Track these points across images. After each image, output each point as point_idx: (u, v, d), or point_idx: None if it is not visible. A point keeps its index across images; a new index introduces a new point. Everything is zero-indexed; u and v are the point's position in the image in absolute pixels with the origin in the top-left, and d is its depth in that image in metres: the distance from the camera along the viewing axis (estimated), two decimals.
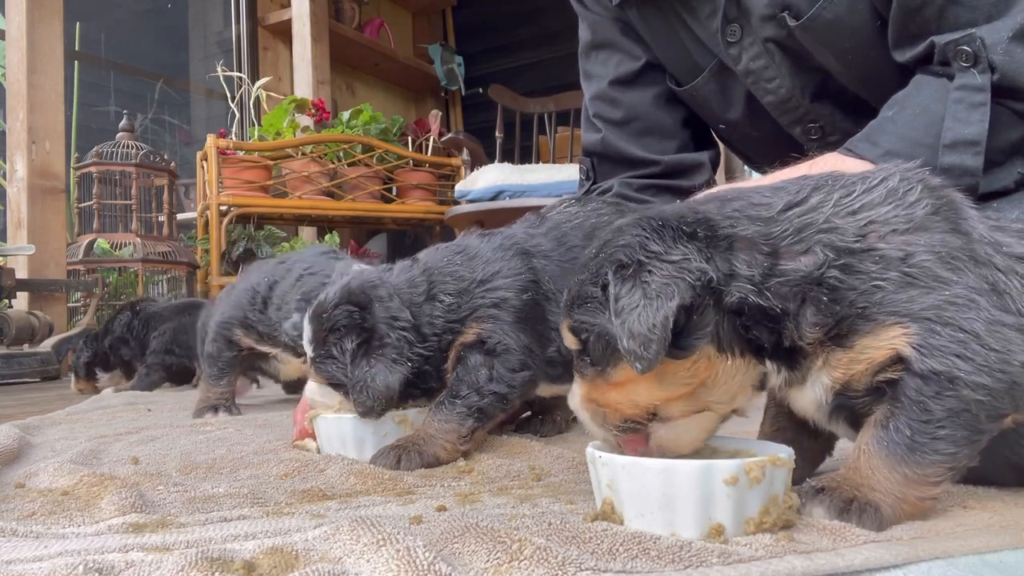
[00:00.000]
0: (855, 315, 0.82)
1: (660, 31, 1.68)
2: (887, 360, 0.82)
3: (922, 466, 0.81)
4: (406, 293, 1.31)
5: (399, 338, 1.26)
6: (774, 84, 1.53)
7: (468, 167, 4.84)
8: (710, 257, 0.82)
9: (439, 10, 7.47)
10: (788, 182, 0.91)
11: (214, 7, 6.27)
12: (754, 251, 0.83)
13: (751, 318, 0.83)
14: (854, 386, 0.85)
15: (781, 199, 0.87)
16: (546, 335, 1.34)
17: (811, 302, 0.82)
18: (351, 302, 1.28)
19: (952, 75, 1.22)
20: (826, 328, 0.82)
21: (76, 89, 4.99)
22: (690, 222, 0.85)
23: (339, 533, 0.76)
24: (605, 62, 1.81)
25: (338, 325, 1.27)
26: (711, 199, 0.91)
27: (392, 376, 1.24)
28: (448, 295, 1.31)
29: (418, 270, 1.35)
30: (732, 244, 0.84)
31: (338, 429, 1.30)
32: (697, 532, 0.78)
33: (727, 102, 1.67)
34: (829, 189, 0.88)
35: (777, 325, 0.83)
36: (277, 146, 4.43)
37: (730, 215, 0.86)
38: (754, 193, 0.89)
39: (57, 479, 1.09)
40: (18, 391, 2.99)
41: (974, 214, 0.89)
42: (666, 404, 0.86)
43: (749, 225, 0.85)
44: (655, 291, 0.79)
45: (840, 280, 0.82)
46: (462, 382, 1.27)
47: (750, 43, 1.51)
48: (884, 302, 0.81)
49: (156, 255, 4.28)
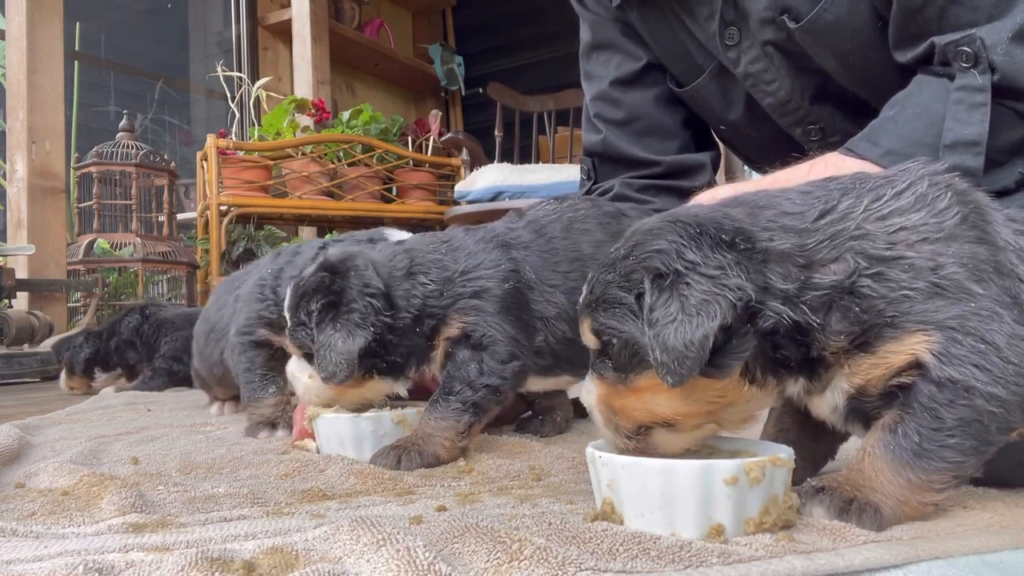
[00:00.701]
0: (883, 323, 0.81)
1: (660, 32, 1.68)
2: (905, 365, 0.82)
3: (927, 472, 0.81)
4: (384, 267, 1.32)
5: (366, 305, 1.26)
6: (773, 87, 1.53)
7: (468, 167, 4.84)
8: (748, 271, 0.81)
9: (439, 10, 7.47)
10: (814, 185, 0.90)
11: (214, 7, 6.27)
12: (789, 264, 0.82)
13: (784, 336, 0.82)
14: (870, 391, 0.84)
15: (814, 207, 0.86)
16: (531, 324, 1.35)
17: (838, 310, 0.82)
18: (326, 269, 1.30)
19: (953, 75, 1.22)
20: (852, 336, 0.82)
21: (76, 89, 4.99)
22: (728, 230, 0.83)
23: (339, 533, 0.76)
24: (606, 63, 1.81)
25: (308, 289, 1.28)
26: (738, 203, 0.90)
27: (353, 341, 1.23)
28: (429, 279, 1.31)
29: (401, 249, 1.36)
30: (767, 257, 0.82)
31: (337, 429, 1.30)
32: (697, 532, 0.78)
33: (728, 103, 1.67)
34: (858, 193, 0.87)
35: (807, 338, 0.82)
36: (277, 146, 4.43)
37: (767, 226, 0.84)
38: (785, 200, 0.87)
39: (57, 479, 1.09)
40: (18, 391, 2.99)
41: (999, 218, 0.88)
42: (684, 417, 0.86)
43: (785, 237, 0.84)
44: (694, 307, 0.78)
45: (871, 288, 0.81)
46: (453, 378, 1.27)
47: (748, 46, 1.51)
48: (912, 311, 0.81)
49: (156, 255, 4.28)
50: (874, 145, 1.25)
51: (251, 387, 1.64)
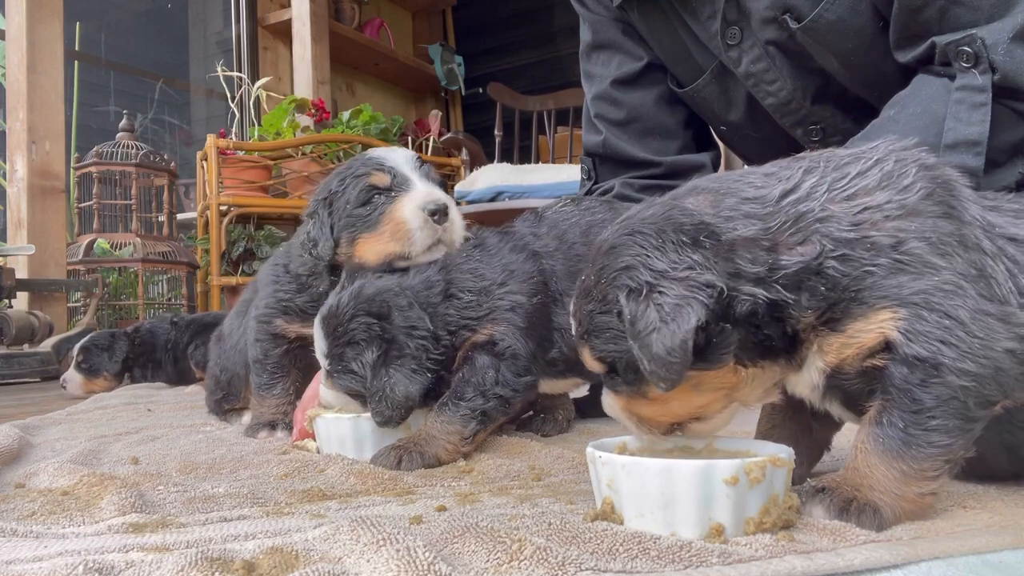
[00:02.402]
0: (848, 299, 0.82)
1: (661, 32, 1.68)
2: (876, 346, 0.82)
3: (918, 460, 0.81)
4: (423, 295, 1.30)
5: (418, 347, 1.25)
6: (775, 86, 1.53)
7: (468, 167, 4.84)
8: (715, 264, 0.82)
9: (439, 10, 7.47)
10: (778, 166, 0.90)
11: (214, 7, 6.27)
12: (756, 248, 0.83)
13: (764, 316, 0.83)
14: (845, 369, 0.85)
15: (775, 188, 0.86)
16: (549, 338, 1.35)
17: (806, 289, 0.83)
18: (369, 313, 1.26)
19: (953, 75, 1.22)
20: (819, 312, 0.83)
21: (76, 89, 4.99)
22: (688, 229, 0.84)
23: (339, 533, 0.76)
24: (607, 62, 1.81)
25: (356, 339, 1.25)
26: (698, 191, 0.90)
27: (412, 386, 1.24)
28: (466, 293, 1.31)
29: (435, 271, 1.33)
30: (734, 246, 0.83)
31: (338, 429, 1.30)
32: (697, 532, 0.78)
33: (728, 103, 1.67)
34: (822, 172, 0.87)
35: (782, 314, 0.84)
36: (277, 146, 4.43)
37: (729, 215, 0.85)
38: (745, 185, 0.88)
39: (57, 479, 1.09)
40: (18, 391, 2.99)
41: (968, 194, 0.89)
42: (704, 408, 0.88)
43: (748, 224, 0.84)
44: (669, 313, 0.79)
45: (836, 269, 0.82)
46: (468, 384, 1.27)
47: (750, 46, 1.51)
48: (875, 287, 0.82)
49: (156, 255, 4.28)
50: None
51: (259, 379, 1.61)
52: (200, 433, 1.63)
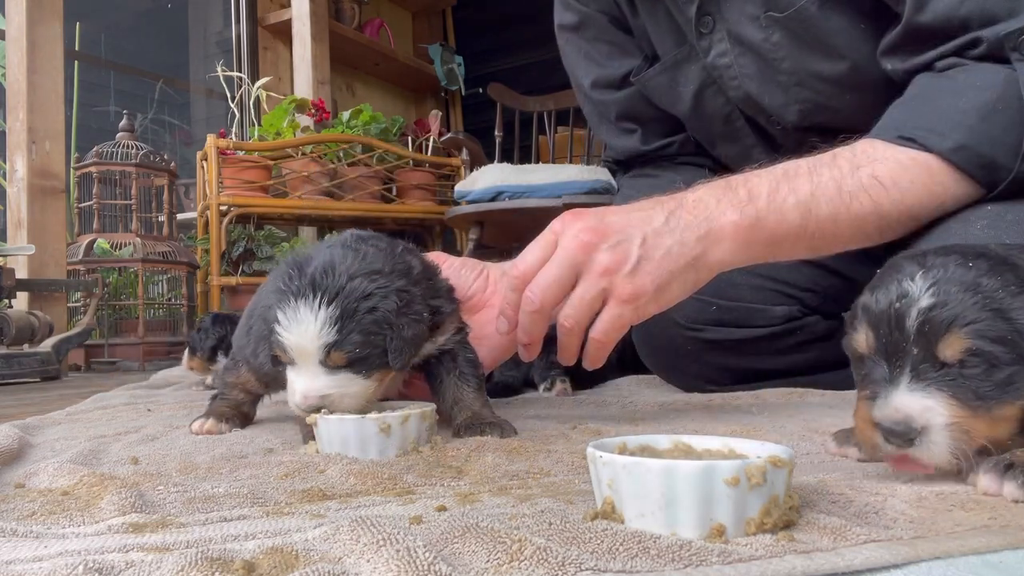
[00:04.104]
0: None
1: (648, 18, 1.72)
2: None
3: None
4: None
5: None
6: (734, 83, 1.56)
7: (468, 167, 4.84)
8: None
9: (439, 10, 7.47)
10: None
11: (214, 7, 6.27)
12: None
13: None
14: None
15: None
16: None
17: None
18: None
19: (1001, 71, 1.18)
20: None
21: (76, 89, 4.99)
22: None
23: (339, 533, 0.76)
24: (619, 65, 1.87)
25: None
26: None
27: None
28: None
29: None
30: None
31: (340, 430, 1.30)
32: (698, 532, 0.78)
33: (676, 98, 1.71)
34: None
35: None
36: (277, 146, 4.43)
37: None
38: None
39: (57, 479, 1.09)
40: (18, 391, 2.99)
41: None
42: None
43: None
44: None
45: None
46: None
47: (719, 39, 1.53)
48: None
49: (156, 255, 4.28)
50: (941, 137, 1.17)
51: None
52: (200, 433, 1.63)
